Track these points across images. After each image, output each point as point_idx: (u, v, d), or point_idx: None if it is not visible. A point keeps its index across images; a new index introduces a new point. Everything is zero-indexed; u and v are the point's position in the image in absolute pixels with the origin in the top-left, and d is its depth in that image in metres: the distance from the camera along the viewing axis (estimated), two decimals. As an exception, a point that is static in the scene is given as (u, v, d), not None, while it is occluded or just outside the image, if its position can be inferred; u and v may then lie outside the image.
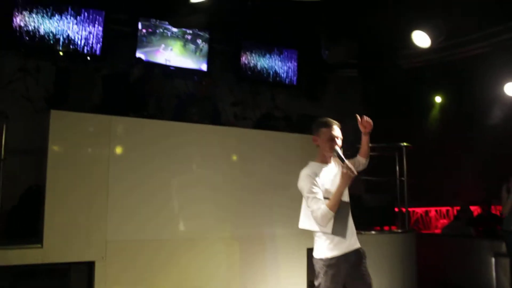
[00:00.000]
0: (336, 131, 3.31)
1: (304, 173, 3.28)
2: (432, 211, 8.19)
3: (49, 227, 3.60)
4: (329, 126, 3.30)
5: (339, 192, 3.09)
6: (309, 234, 4.88)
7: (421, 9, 5.37)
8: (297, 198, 4.81)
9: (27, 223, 4.01)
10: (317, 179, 3.20)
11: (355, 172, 3.03)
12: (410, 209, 7.29)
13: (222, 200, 4.43)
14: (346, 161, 3.08)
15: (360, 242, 3.32)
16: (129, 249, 3.91)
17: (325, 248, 3.21)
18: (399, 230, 5.57)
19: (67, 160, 3.78)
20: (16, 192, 4.35)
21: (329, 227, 3.16)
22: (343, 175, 3.08)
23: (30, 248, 3.55)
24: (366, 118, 3.35)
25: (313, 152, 5.06)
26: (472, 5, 5.64)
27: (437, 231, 7.90)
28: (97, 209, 3.81)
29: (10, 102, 5.35)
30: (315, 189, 3.16)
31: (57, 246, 3.60)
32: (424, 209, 8.08)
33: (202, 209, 4.30)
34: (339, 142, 3.28)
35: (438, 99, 8.02)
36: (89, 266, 3.74)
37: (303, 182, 3.24)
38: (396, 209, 5.94)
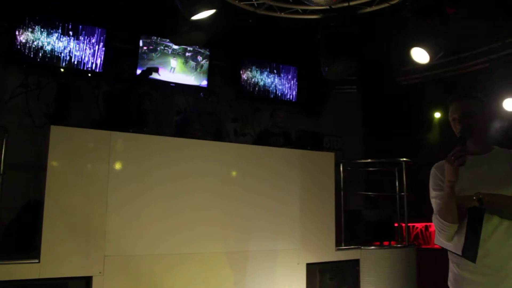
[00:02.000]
0: (457, 108, 2.38)
1: (434, 166, 2.47)
2: (432, 226, 8.15)
3: (47, 242, 3.58)
4: (450, 103, 2.43)
5: (444, 191, 2.19)
6: (308, 250, 4.90)
7: (420, 26, 5.41)
8: (296, 214, 4.83)
9: (25, 238, 4.01)
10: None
11: (459, 162, 2.09)
12: (410, 224, 7.23)
13: (222, 215, 4.41)
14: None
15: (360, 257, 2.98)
16: (127, 264, 3.88)
17: (455, 275, 2.33)
18: (399, 245, 5.53)
19: (66, 175, 3.77)
20: (14, 206, 4.36)
21: (457, 246, 2.22)
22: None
23: (27, 263, 3.52)
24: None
25: (313, 168, 5.12)
26: (470, 22, 5.70)
27: (437, 246, 7.85)
28: (95, 224, 3.80)
29: (10, 117, 5.40)
30: (438, 190, 2.37)
31: (54, 261, 3.58)
32: (424, 224, 8.04)
33: (201, 224, 4.29)
34: (462, 123, 2.33)
35: (437, 114, 8.05)
36: (87, 281, 3.70)
37: (430, 179, 2.45)
38: (396, 224, 5.92)
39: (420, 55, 5.46)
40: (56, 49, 5.78)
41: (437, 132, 8.02)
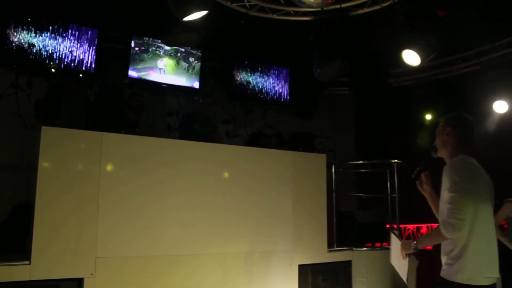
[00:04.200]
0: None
1: None
2: (424, 227, 8.19)
3: (38, 243, 3.55)
4: None
5: None
6: (301, 251, 4.89)
7: (411, 28, 5.44)
8: (288, 215, 4.83)
9: (15, 239, 3.97)
10: None
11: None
12: (402, 226, 7.27)
13: (213, 217, 4.40)
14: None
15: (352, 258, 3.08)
16: (119, 265, 3.86)
17: None
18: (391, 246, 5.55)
19: (57, 176, 3.75)
20: (5, 207, 4.32)
21: None
22: None
23: (17, 264, 3.49)
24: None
25: (305, 170, 5.12)
26: (461, 25, 5.75)
27: (428, 247, 7.88)
28: (86, 226, 3.78)
29: (1, 118, 5.35)
30: None
31: (45, 263, 3.56)
32: (415, 225, 8.08)
33: (193, 225, 4.28)
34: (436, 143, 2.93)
35: (428, 116, 8.10)
36: (78, 283, 3.68)
37: None
38: (388, 225, 5.94)
39: (411, 57, 5.49)
40: (47, 49, 5.74)
41: (428, 133, 8.07)
